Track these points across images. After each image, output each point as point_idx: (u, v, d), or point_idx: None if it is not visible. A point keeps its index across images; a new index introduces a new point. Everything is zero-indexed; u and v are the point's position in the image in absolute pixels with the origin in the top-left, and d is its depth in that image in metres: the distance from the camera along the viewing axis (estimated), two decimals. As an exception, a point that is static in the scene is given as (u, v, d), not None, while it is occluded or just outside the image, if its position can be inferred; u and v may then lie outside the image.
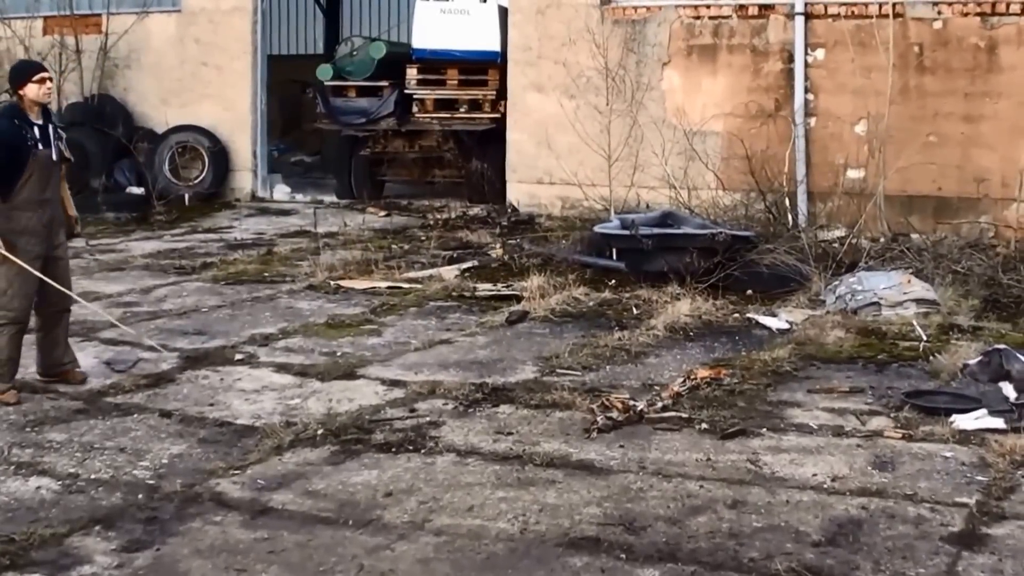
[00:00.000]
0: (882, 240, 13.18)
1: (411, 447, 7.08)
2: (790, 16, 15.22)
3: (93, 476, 6.69)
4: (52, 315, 8.50)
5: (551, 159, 16.46)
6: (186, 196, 18.39)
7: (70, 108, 19.13)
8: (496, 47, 17.69)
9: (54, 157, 8.31)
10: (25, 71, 8.31)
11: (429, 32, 17.97)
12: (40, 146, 8.20)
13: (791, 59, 15.22)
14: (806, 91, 15.12)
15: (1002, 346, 8.37)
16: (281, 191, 19.42)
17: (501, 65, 17.55)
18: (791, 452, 7.01)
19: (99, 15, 19.71)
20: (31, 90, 8.17)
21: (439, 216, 16.70)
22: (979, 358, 7.96)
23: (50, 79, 8.36)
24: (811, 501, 6.23)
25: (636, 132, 15.77)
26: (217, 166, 18.79)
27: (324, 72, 18.89)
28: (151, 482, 6.59)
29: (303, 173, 22.14)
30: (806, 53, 15.13)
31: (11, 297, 8.13)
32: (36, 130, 8.22)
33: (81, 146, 17.72)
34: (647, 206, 14.82)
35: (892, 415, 7.71)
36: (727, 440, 7.22)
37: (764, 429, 7.43)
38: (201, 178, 18.77)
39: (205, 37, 19.22)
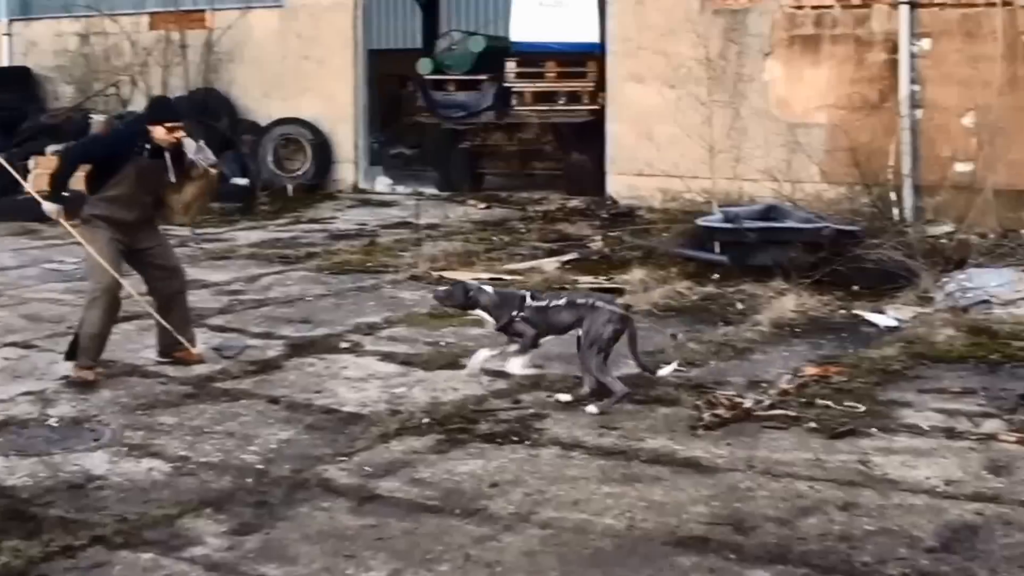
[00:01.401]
0: (992, 236, 12.93)
1: (516, 438, 7.06)
2: (894, 5, 14.98)
3: (203, 459, 6.77)
4: (165, 297, 8.71)
5: (651, 151, 16.36)
6: (289, 187, 18.63)
7: (176, 101, 19.33)
8: (595, 39, 17.65)
9: (171, 177, 8.49)
10: (162, 116, 8.51)
11: (527, 25, 17.98)
12: (146, 155, 8.39)
13: (895, 49, 14.97)
14: (912, 82, 14.86)
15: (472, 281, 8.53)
16: (382, 183, 19.58)
17: (600, 57, 17.50)
18: (902, 454, 6.86)
19: (203, 11, 20.04)
20: (158, 132, 8.35)
21: (538, 208, 16.76)
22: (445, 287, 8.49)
23: (181, 129, 8.49)
24: (924, 505, 6.08)
25: (738, 123, 15.65)
26: (319, 158, 18.99)
27: (424, 66, 19.00)
28: (260, 466, 6.65)
29: (403, 165, 22.28)
30: (911, 43, 14.89)
31: (102, 270, 8.35)
32: (149, 145, 8.38)
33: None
34: (751, 199, 14.68)
35: (1006, 418, 7.49)
36: (836, 440, 7.07)
37: (874, 429, 7.27)
38: (304, 170, 18.98)
39: (307, 32, 19.41)
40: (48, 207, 8.55)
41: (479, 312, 8.22)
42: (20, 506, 6.10)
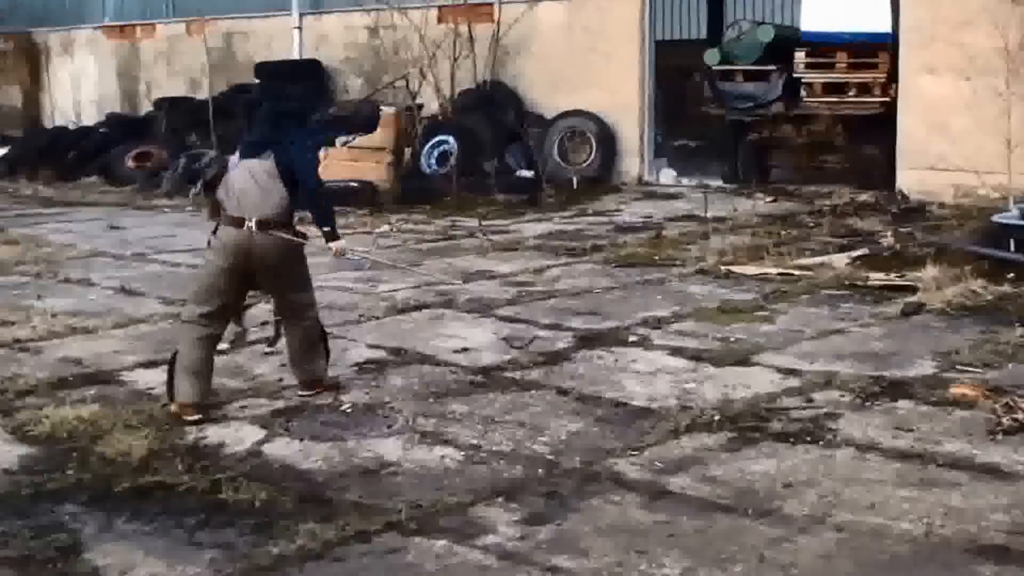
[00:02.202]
0: None
1: (808, 438, 6.92)
2: None
3: (494, 448, 6.84)
4: None
5: (944, 144, 15.89)
6: (574, 179, 18.76)
7: (463, 94, 19.80)
8: (887, 28, 17.24)
9: None
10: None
11: (818, 14, 17.71)
12: None
13: None
14: None
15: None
16: (667, 175, 19.55)
17: (892, 47, 17.07)
18: None
19: (491, 4, 20.33)
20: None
21: (826, 202, 16.44)
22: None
23: None
24: None
25: (1037, 117, 15.04)
26: (604, 150, 19.12)
27: (712, 56, 18.91)
28: (550, 457, 6.68)
29: (686, 157, 22.19)
30: None
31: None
32: None
33: (473, 131, 18.36)
34: (1053, 196, 14.08)
35: None
36: None
37: None
38: (589, 162, 19.14)
39: (593, 24, 19.51)
40: (342, 245, 8.21)
41: None
42: (316, 490, 6.25)
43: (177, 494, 6.19)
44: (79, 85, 26.69)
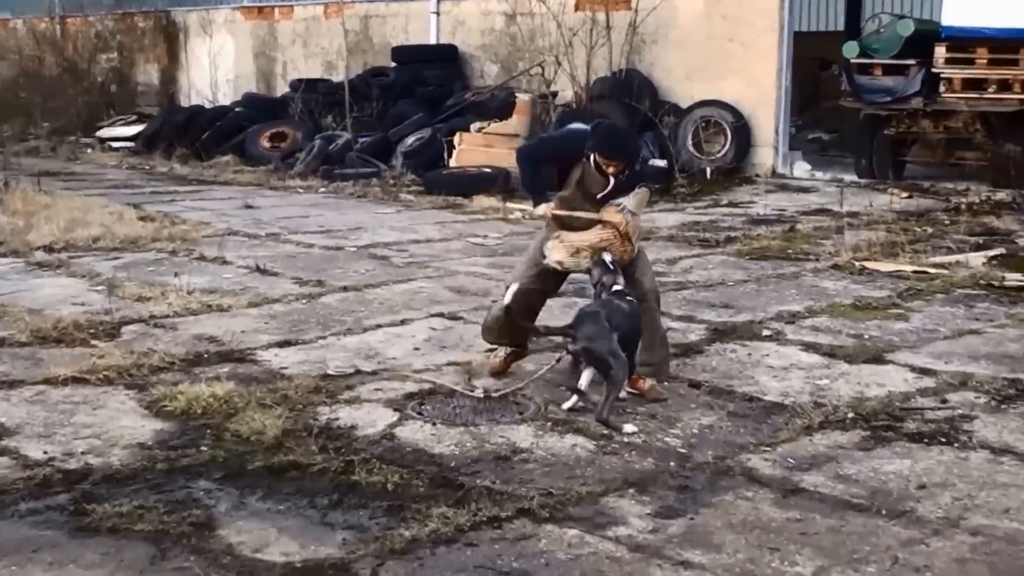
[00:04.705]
0: None
1: (943, 439, 6.85)
2: None
3: (627, 439, 6.84)
4: None
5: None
6: (708, 170, 18.69)
7: (598, 82, 19.79)
8: (1028, 24, 16.92)
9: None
10: (603, 149, 7.61)
11: (960, 9, 17.38)
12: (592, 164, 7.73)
13: None
14: None
15: None
16: (801, 168, 19.40)
17: (1034, 44, 16.76)
18: None
19: (630, -9, 20.26)
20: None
21: (963, 200, 16.22)
22: None
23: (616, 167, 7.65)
24: None
25: None
26: (739, 141, 19.01)
27: (850, 49, 18.69)
28: (682, 451, 6.67)
29: (820, 151, 21.99)
30: None
31: (520, 269, 8.13)
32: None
33: (607, 119, 18.32)
34: None
35: None
36: None
37: None
38: (723, 153, 19.04)
39: (732, 13, 19.39)
40: (535, 211, 7.95)
41: None
42: (448, 474, 6.26)
43: (310, 474, 6.24)
44: (216, 64, 26.99)
